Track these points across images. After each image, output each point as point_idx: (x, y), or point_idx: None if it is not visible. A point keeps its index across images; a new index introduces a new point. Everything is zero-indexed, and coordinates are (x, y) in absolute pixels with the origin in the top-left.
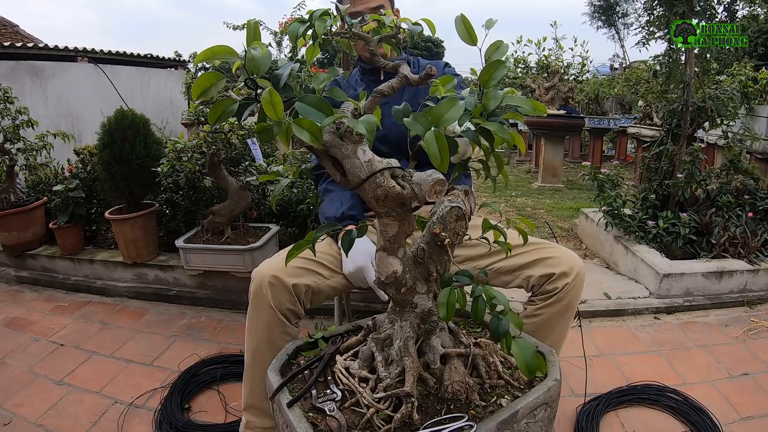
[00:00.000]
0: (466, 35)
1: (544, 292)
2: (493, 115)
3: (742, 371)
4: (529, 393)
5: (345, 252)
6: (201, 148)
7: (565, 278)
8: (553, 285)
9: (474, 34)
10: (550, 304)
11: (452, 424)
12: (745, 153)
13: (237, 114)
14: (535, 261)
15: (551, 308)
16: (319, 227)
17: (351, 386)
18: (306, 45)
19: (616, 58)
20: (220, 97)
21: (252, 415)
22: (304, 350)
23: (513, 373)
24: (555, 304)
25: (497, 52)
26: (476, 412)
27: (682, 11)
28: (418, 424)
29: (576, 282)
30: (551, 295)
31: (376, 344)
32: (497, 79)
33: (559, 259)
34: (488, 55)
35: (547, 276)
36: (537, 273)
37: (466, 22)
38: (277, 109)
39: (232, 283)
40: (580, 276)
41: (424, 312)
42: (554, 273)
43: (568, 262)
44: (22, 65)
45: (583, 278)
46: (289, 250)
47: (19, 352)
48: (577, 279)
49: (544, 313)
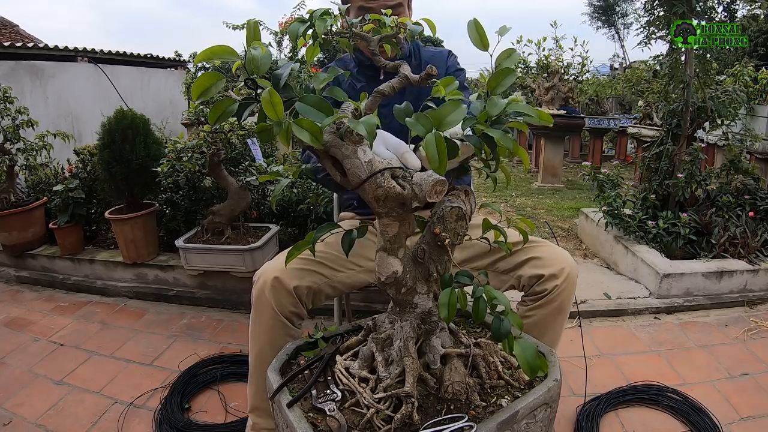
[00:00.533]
0: (478, 40)
1: (534, 293)
2: (498, 123)
3: (742, 371)
4: (530, 393)
5: (346, 254)
6: (201, 148)
7: (554, 280)
8: (542, 286)
9: (486, 39)
10: (540, 306)
11: (452, 425)
12: (745, 153)
13: (237, 114)
14: (526, 261)
15: (542, 310)
16: (319, 227)
17: (351, 386)
18: (306, 45)
19: (616, 58)
20: (220, 97)
21: (258, 416)
22: (304, 350)
23: (513, 373)
24: (546, 306)
25: (508, 59)
26: (476, 413)
27: (682, 11)
28: (418, 424)
29: (567, 284)
30: (541, 297)
31: (376, 344)
32: (505, 86)
33: (550, 259)
34: (499, 61)
35: (537, 277)
36: (527, 273)
37: (479, 27)
38: (277, 109)
39: (232, 283)
40: (571, 277)
41: (425, 312)
42: (543, 274)
43: (558, 263)
44: (22, 65)
45: (574, 279)
46: (290, 251)
47: (19, 352)
48: (568, 280)
49: (534, 315)
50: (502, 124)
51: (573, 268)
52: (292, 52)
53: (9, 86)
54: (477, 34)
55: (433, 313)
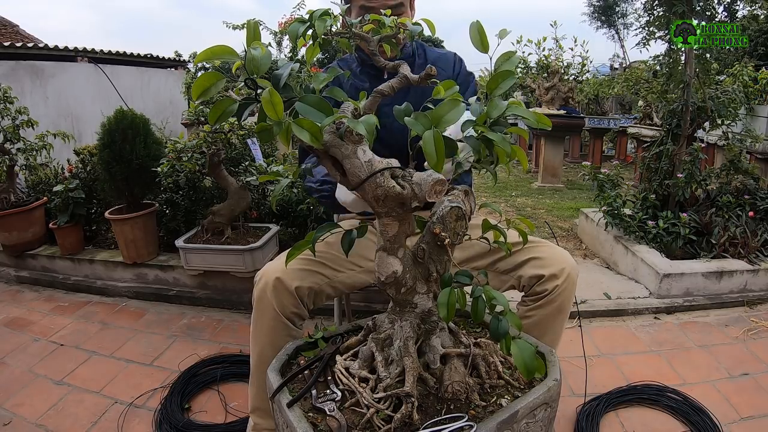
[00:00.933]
0: (478, 42)
1: (534, 293)
2: (497, 124)
3: (742, 371)
4: (529, 393)
5: (345, 253)
6: (201, 148)
7: (555, 280)
8: (542, 287)
9: (486, 42)
10: (540, 306)
11: (452, 424)
12: (745, 153)
13: (237, 114)
14: (527, 261)
15: (542, 310)
16: (319, 227)
17: (351, 386)
18: (306, 45)
19: (616, 58)
20: (220, 97)
21: (259, 417)
22: (304, 350)
23: (513, 373)
24: (546, 306)
25: (508, 62)
26: (476, 412)
27: (682, 11)
28: (418, 424)
29: (567, 284)
30: (541, 297)
31: (376, 344)
32: (504, 89)
33: (550, 259)
34: (498, 64)
35: (537, 277)
36: (527, 274)
37: (480, 30)
38: (277, 109)
39: (232, 283)
40: (571, 278)
41: (424, 312)
42: (544, 275)
43: (559, 263)
44: (22, 65)
45: (575, 280)
46: (290, 251)
47: (19, 352)
48: (568, 281)
49: (535, 315)
50: (502, 126)
51: (573, 269)
52: (292, 52)
53: (9, 86)
54: (478, 36)
55: (432, 313)
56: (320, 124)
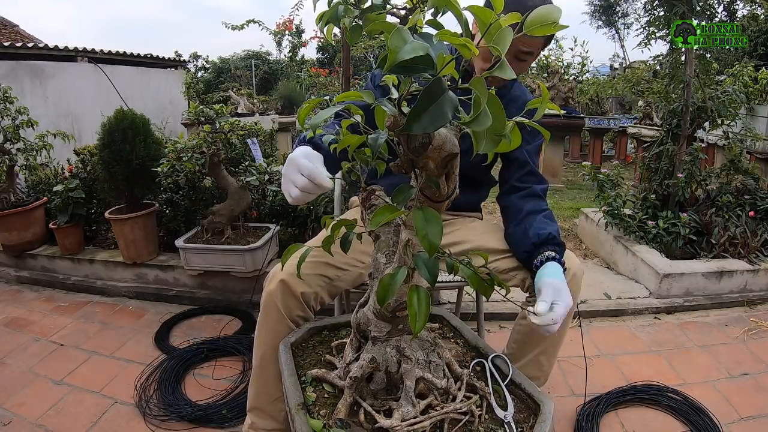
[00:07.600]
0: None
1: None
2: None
3: (742, 371)
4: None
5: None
6: (201, 148)
7: None
8: None
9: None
10: None
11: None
12: (745, 153)
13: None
14: None
15: None
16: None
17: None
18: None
19: (616, 58)
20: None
21: (256, 416)
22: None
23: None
24: None
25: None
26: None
27: (682, 11)
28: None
29: (572, 284)
30: None
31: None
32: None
33: None
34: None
35: None
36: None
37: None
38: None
39: (232, 283)
40: (577, 277)
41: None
42: None
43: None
44: (22, 65)
45: (580, 280)
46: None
47: (19, 352)
48: (573, 281)
49: None
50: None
51: (579, 269)
52: (292, 52)
53: (9, 86)
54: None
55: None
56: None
